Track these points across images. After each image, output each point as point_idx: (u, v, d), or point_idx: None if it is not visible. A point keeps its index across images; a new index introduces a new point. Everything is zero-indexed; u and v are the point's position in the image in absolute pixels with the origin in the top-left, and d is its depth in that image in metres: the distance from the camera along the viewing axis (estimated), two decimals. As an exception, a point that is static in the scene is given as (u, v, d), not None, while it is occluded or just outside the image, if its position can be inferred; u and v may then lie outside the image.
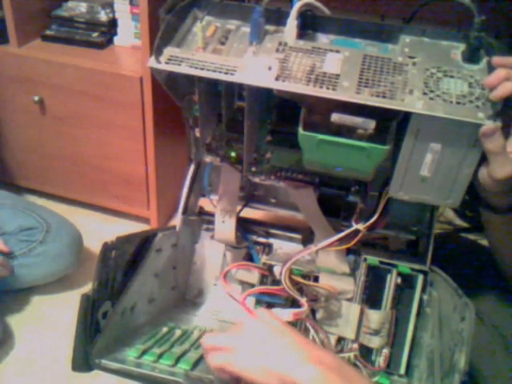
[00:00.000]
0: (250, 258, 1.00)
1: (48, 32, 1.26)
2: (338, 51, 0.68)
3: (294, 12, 0.70)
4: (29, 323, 1.10)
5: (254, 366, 0.56)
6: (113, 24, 1.24)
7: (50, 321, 1.11)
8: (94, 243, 1.25)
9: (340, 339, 0.84)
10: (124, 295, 0.75)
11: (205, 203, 1.03)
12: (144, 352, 0.71)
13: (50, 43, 1.26)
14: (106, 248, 0.69)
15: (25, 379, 0.99)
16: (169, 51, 0.68)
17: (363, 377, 0.54)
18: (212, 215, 1.01)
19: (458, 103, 0.61)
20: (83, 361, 0.66)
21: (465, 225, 1.49)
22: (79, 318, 0.66)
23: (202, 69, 0.65)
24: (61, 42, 1.25)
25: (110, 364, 0.67)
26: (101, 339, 0.68)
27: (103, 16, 1.25)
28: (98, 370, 0.67)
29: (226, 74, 0.64)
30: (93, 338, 0.67)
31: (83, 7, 1.27)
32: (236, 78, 0.64)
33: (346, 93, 0.62)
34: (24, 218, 1.10)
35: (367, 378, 0.54)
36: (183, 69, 0.66)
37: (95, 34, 1.24)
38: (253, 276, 0.95)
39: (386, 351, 0.82)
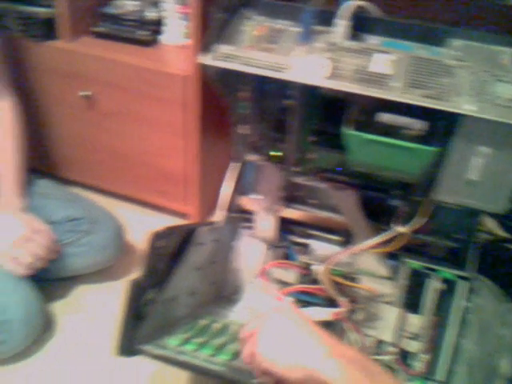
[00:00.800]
0: (287, 257, 1.00)
1: (97, 29, 1.30)
2: (387, 52, 0.68)
3: (345, 13, 0.71)
4: (71, 311, 1.13)
5: (276, 358, 0.58)
6: (160, 23, 1.27)
7: (91, 309, 1.14)
8: (133, 236, 1.28)
9: (378, 342, 0.84)
10: (167, 285, 0.77)
11: (246, 202, 1.04)
12: (185, 341, 0.73)
13: (99, 40, 1.29)
14: (156, 237, 0.70)
15: (66, 365, 1.01)
16: (220, 48, 0.69)
17: (385, 372, 0.55)
18: (252, 214, 1.02)
19: (509, 107, 0.60)
20: (128, 346, 0.67)
21: (505, 234, 1.45)
22: (127, 303, 0.67)
23: (253, 66, 0.66)
24: (109, 39, 1.28)
25: (153, 350, 0.69)
26: (145, 326, 0.70)
27: (151, 14, 1.27)
28: (141, 355, 0.69)
29: (276, 71, 0.66)
30: (138, 324, 0.69)
31: (132, 5, 1.30)
32: (287, 76, 0.65)
33: (395, 93, 0.62)
34: (71, 209, 1.13)
35: (389, 374, 0.54)
36: (234, 66, 0.67)
37: (143, 32, 1.27)
38: (290, 275, 0.96)
39: (425, 356, 0.81)
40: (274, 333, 0.60)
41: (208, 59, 0.68)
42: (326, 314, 0.80)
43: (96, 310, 1.14)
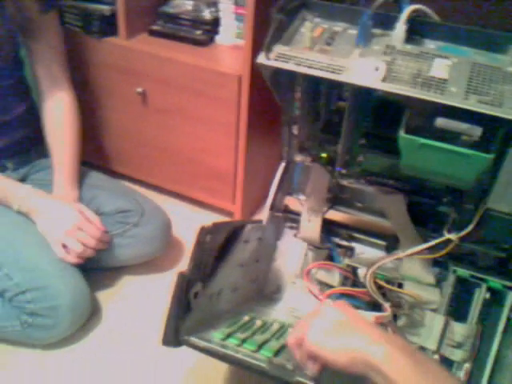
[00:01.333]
0: (330, 259, 1.00)
1: (154, 27, 1.33)
2: (446, 57, 0.68)
3: (404, 16, 0.71)
4: (116, 300, 1.16)
5: (324, 342, 0.60)
6: (216, 23, 1.29)
7: (136, 299, 1.17)
8: (179, 231, 1.31)
9: (421, 349, 0.83)
10: (213, 280, 0.78)
11: (290, 202, 1.05)
12: (229, 335, 0.74)
13: (156, 38, 1.32)
14: (204, 232, 0.72)
15: (110, 352, 1.05)
16: (278, 49, 0.70)
17: (432, 360, 0.55)
18: (296, 214, 1.03)
19: None
20: (174, 336, 0.69)
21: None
22: (174, 295, 0.69)
23: (310, 67, 0.67)
24: (166, 38, 1.31)
25: (197, 341, 0.70)
26: (190, 318, 0.72)
27: (207, 15, 1.30)
28: (186, 346, 0.70)
29: (332, 73, 0.66)
30: (184, 315, 0.71)
31: (189, 5, 1.33)
32: (343, 78, 0.66)
33: (453, 98, 0.61)
34: (121, 201, 1.16)
35: (438, 363, 0.55)
36: (291, 66, 0.68)
37: (198, 32, 1.30)
38: (333, 277, 0.96)
39: (467, 366, 0.80)
40: (325, 320, 0.62)
41: (266, 59, 0.69)
42: (369, 317, 0.79)
43: (140, 300, 1.17)
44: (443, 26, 0.73)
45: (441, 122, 0.63)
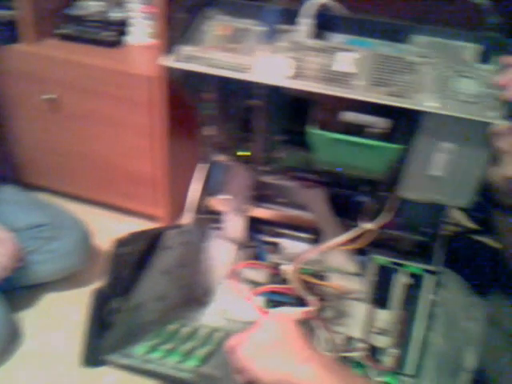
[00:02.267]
0: (258, 257, 1.00)
1: (61, 30, 1.27)
2: (351, 50, 0.68)
3: (308, 11, 0.71)
4: (38, 320, 1.11)
5: (254, 358, 0.62)
6: (125, 23, 1.25)
7: (59, 317, 1.12)
8: (103, 241, 1.26)
9: (348, 338, 0.84)
10: (133, 292, 0.76)
11: (214, 202, 1.03)
12: (152, 348, 0.72)
13: (64, 42, 1.27)
14: (119, 244, 0.69)
15: (34, 374, 0.99)
16: (183, 49, 0.68)
17: (358, 376, 0.57)
18: (221, 214, 1.01)
19: (470, 102, 0.61)
20: (92, 356, 0.66)
21: (475, 227, 1.48)
22: (90, 312, 0.66)
23: (216, 67, 0.66)
24: (73, 41, 1.26)
25: (118, 359, 0.67)
26: (110, 335, 0.69)
27: (116, 15, 1.25)
28: (106, 365, 0.67)
29: (240, 72, 0.65)
30: (102, 333, 0.68)
31: (97, 6, 1.28)
32: (250, 77, 0.65)
33: (359, 91, 0.62)
34: (34, 215, 1.11)
35: (363, 378, 0.58)
36: (197, 67, 0.66)
37: (108, 33, 1.25)
38: (261, 275, 0.95)
39: (394, 351, 0.82)
40: (260, 336, 0.64)
41: (170, 61, 0.67)
42: (296, 313, 0.79)
43: (63, 318, 1.12)
44: (348, 19, 0.74)
45: (348, 115, 0.64)
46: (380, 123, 0.63)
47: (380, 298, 0.84)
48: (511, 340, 0.79)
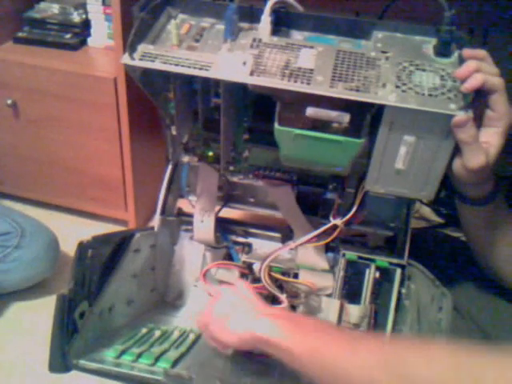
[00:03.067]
0: (229, 257, 0.99)
1: (20, 34, 1.25)
2: (311, 47, 0.68)
3: (267, 9, 0.71)
4: (6, 329, 1.08)
5: (219, 325, 0.68)
6: (86, 25, 1.23)
7: (28, 326, 1.09)
8: (71, 247, 1.23)
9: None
10: (101, 296, 0.75)
11: (183, 204, 1.02)
12: (123, 352, 0.71)
13: (22, 45, 1.24)
14: (82, 247, 0.68)
15: (2, 386, 0.97)
16: (143, 48, 0.67)
17: (310, 317, 0.66)
18: (191, 216, 1.00)
19: (430, 95, 0.61)
20: (61, 361, 0.65)
21: (441, 221, 1.50)
22: (55, 318, 0.65)
23: (177, 65, 0.65)
24: (33, 44, 1.23)
25: (88, 364, 0.66)
26: (78, 340, 0.68)
27: (76, 17, 1.23)
28: (76, 370, 0.66)
29: (200, 69, 0.64)
30: (70, 339, 0.67)
31: (55, 8, 1.25)
32: (210, 74, 0.64)
33: (320, 87, 0.62)
34: (-1, 224, 1.08)
35: (315, 318, 0.66)
36: (157, 65, 0.65)
37: (68, 36, 1.23)
38: (233, 275, 0.95)
39: (366, 345, 0.82)
40: (221, 304, 0.70)
41: (130, 59, 0.66)
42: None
43: (33, 326, 1.09)
44: (308, 16, 0.74)
45: (311, 111, 0.64)
46: (342, 118, 0.63)
47: (351, 294, 0.84)
48: (479, 330, 0.81)
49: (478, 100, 0.62)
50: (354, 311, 0.82)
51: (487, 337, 0.81)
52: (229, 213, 1.02)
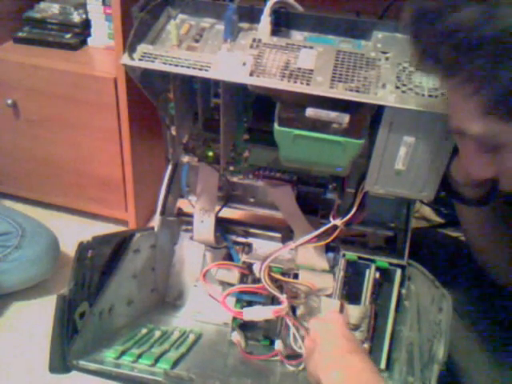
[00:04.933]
0: (229, 258, 0.99)
1: (20, 34, 1.25)
2: (311, 47, 0.68)
3: (267, 9, 0.71)
4: (6, 330, 1.08)
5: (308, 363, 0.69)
6: (86, 25, 1.23)
7: (28, 326, 1.09)
8: (71, 247, 1.23)
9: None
10: (101, 296, 0.74)
11: (183, 204, 1.02)
12: (123, 353, 0.71)
13: (23, 45, 1.24)
14: (82, 247, 0.68)
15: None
16: (142, 48, 0.67)
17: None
18: (191, 216, 1.00)
19: (430, 96, 0.61)
20: (61, 362, 0.65)
21: (441, 221, 1.50)
22: (56, 318, 0.65)
23: (176, 65, 0.65)
24: (33, 44, 1.23)
25: (88, 365, 0.66)
26: (78, 340, 0.68)
27: (76, 17, 1.23)
28: (75, 370, 0.66)
29: (200, 70, 0.64)
30: (70, 339, 0.66)
31: (56, 8, 1.25)
32: (210, 74, 0.64)
33: (320, 87, 0.62)
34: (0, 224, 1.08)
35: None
36: (157, 65, 0.65)
37: (68, 36, 1.23)
38: (233, 275, 0.95)
39: (366, 346, 0.82)
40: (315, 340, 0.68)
41: (130, 60, 0.66)
42: (267, 312, 0.79)
43: (32, 327, 1.09)
44: (308, 16, 0.74)
45: (311, 111, 0.64)
46: (341, 118, 0.63)
47: (351, 294, 0.84)
48: (474, 329, 0.81)
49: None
50: (354, 312, 0.82)
51: (486, 337, 0.81)
52: (229, 213, 1.02)
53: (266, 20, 0.71)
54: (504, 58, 0.41)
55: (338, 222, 0.80)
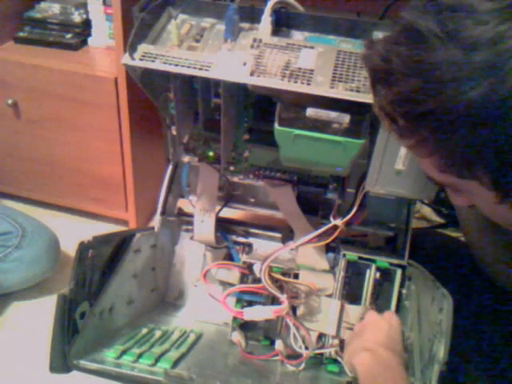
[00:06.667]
0: (230, 257, 0.99)
1: (21, 34, 1.25)
2: (312, 47, 0.68)
3: (268, 9, 0.71)
4: (6, 330, 1.08)
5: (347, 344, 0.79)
6: (87, 25, 1.23)
7: (28, 326, 1.09)
8: (71, 247, 1.23)
9: (321, 335, 0.84)
10: (102, 296, 0.75)
11: (184, 204, 1.02)
12: (123, 352, 0.71)
13: (23, 45, 1.24)
14: (83, 247, 0.68)
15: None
16: (143, 48, 0.67)
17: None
18: (191, 216, 1.00)
19: (431, 96, 0.61)
20: (61, 361, 0.65)
21: (441, 221, 1.50)
22: (56, 318, 0.65)
23: (177, 65, 0.65)
24: (34, 44, 1.23)
25: (88, 364, 0.66)
26: (79, 340, 0.68)
27: (77, 17, 1.23)
28: (76, 370, 0.66)
29: (200, 69, 0.64)
30: (71, 339, 0.67)
31: (56, 8, 1.25)
32: (210, 74, 0.64)
33: (320, 87, 0.62)
34: (0, 223, 1.08)
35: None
36: (157, 65, 0.65)
37: (69, 36, 1.23)
38: (233, 275, 0.95)
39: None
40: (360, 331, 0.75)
41: (130, 59, 0.66)
42: (268, 312, 0.79)
43: (32, 327, 1.09)
44: (308, 16, 0.74)
45: (311, 111, 0.64)
46: (341, 118, 0.63)
47: (351, 294, 0.84)
48: (475, 329, 0.81)
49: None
50: (355, 312, 0.82)
51: (486, 337, 0.81)
52: (229, 213, 1.02)
53: (266, 20, 0.71)
54: (448, 129, 0.42)
55: (339, 222, 0.80)
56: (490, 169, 0.44)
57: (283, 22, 0.74)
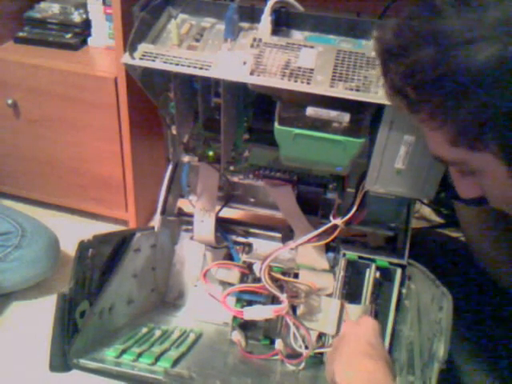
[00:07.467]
0: (230, 257, 0.99)
1: (20, 34, 1.25)
2: (312, 47, 0.69)
3: (268, 8, 0.71)
4: (6, 330, 1.08)
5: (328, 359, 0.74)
6: (86, 25, 1.23)
7: (28, 326, 1.09)
8: (71, 247, 1.23)
9: (321, 335, 0.84)
10: (102, 295, 0.75)
11: (184, 204, 1.02)
12: (123, 351, 0.71)
13: (23, 45, 1.24)
14: (83, 246, 0.68)
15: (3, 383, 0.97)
16: (143, 47, 0.67)
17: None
18: (191, 216, 1.00)
19: (431, 95, 0.61)
20: (61, 360, 0.65)
21: (441, 221, 1.50)
22: (56, 317, 0.65)
23: (177, 64, 0.65)
24: (34, 44, 1.23)
25: (88, 363, 0.66)
26: (79, 339, 0.68)
27: (76, 17, 1.23)
28: (76, 369, 0.66)
29: (200, 69, 0.64)
30: (71, 338, 0.67)
31: (56, 8, 1.25)
32: (210, 73, 0.64)
33: (320, 86, 0.62)
34: (0, 223, 1.08)
35: None
36: (157, 64, 0.65)
37: (69, 35, 1.23)
38: (233, 275, 0.95)
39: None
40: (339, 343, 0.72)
41: (130, 59, 0.66)
42: (268, 311, 0.79)
43: (32, 327, 1.09)
44: (308, 16, 0.74)
45: (311, 110, 0.64)
46: (341, 117, 0.63)
47: (351, 294, 0.84)
48: (475, 328, 0.81)
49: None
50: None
51: (486, 337, 0.81)
52: (229, 213, 1.02)
53: (266, 19, 0.71)
54: (460, 96, 0.43)
55: (339, 221, 0.80)
56: (502, 136, 0.44)
57: (283, 22, 0.74)
